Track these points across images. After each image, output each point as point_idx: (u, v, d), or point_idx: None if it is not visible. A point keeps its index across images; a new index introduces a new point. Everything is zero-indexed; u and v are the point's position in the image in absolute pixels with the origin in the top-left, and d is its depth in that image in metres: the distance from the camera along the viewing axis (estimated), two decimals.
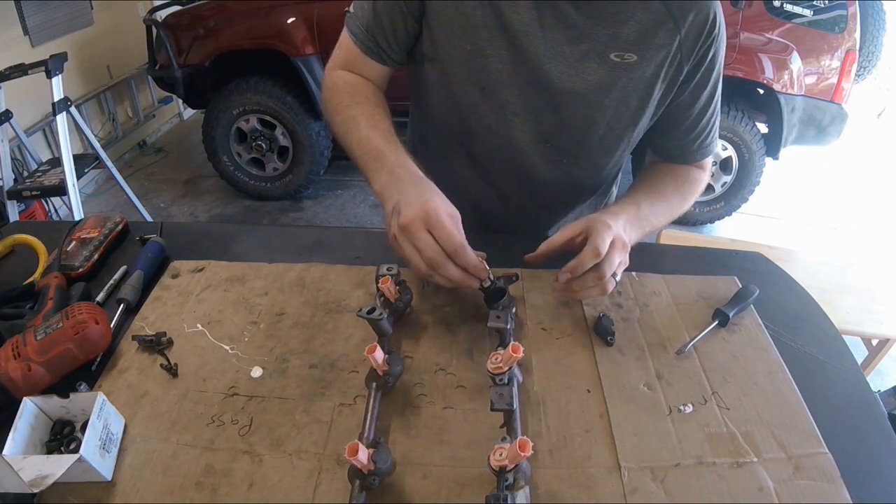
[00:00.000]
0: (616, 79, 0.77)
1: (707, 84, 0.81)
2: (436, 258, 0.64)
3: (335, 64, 0.87)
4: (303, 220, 3.13)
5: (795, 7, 2.55)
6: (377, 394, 0.62)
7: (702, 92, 0.81)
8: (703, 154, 0.89)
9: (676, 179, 0.88)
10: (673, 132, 0.86)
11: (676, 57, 0.76)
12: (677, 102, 0.82)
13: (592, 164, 0.89)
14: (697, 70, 0.78)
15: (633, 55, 0.75)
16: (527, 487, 0.52)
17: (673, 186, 0.87)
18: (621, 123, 0.82)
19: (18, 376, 0.60)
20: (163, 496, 0.55)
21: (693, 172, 0.90)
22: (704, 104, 0.83)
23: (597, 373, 0.68)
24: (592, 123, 0.81)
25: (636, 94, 0.79)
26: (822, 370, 0.70)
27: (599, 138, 0.84)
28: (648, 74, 0.77)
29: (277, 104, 2.86)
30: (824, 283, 1.76)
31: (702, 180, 0.91)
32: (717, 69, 0.81)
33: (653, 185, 0.86)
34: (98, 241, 0.87)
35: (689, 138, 0.86)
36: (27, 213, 2.65)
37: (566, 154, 0.86)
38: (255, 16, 2.80)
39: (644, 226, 0.79)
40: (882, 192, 3.63)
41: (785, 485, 0.56)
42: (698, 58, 0.77)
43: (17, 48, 2.77)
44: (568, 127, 0.82)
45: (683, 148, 0.88)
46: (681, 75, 0.78)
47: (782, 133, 2.71)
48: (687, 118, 0.84)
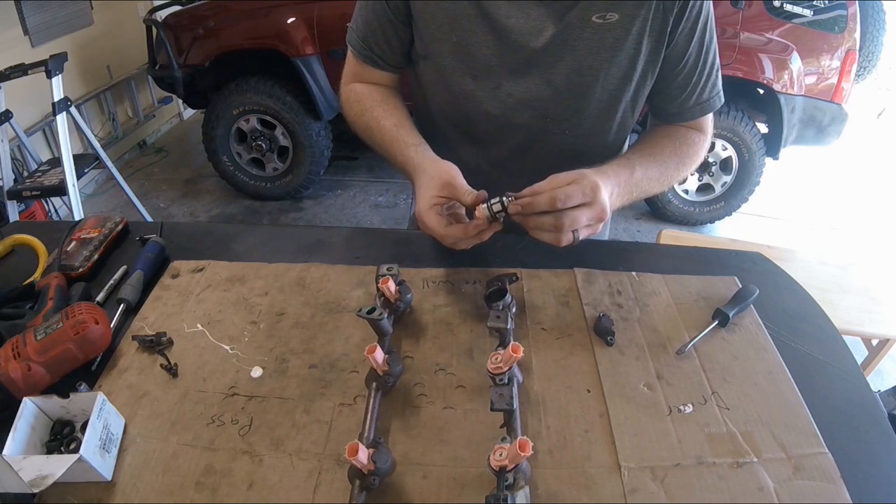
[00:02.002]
0: (602, 40, 0.78)
1: (694, 34, 0.80)
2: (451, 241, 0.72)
3: (346, 79, 0.94)
4: (303, 220, 3.13)
5: (795, 7, 2.54)
6: (377, 394, 0.62)
7: (689, 43, 0.80)
8: (701, 110, 0.88)
9: (675, 142, 0.87)
10: (668, 89, 0.86)
11: (659, 8, 0.77)
12: (668, 56, 0.81)
13: (594, 130, 0.88)
14: (681, 19, 0.78)
15: (615, 14, 0.76)
16: (527, 487, 0.52)
17: (671, 149, 0.86)
18: (614, 83, 0.82)
19: (18, 376, 0.60)
20: (163, 496, 0.55)
21: (691, 135, 0.88)
22: (695, 56, 0.82)
23: (597, 373, 0.68)
24: (587, 89, 0.82)
25: (624, 52, 0.79)
26: (822, 370, 0.70)
27: (596, 102, 0.84)
28: (634, 30, 0.77)
29: (277, 104, 2.86)
30: (824, 283, 1.76)
31: (700, 144, 0.89)
32: (705, 20, 0.80)
33: (650, 148, 0.86)
34: (98, 241, 0.87)
35: (684, 94, 0.85)
36: (27, 213, 2.65)
37: (567, 125, 0.87)
38: (255, 16, 2.80)
39: (634, 191, 0.79)
40: (882, 192, 3.63)
41: (785, 485, 0.56)
42: (679, 6, 0.77)
43: (17, 48, 2.77)
44: (563, 97, 0.83)
45: (680, 105, 0.87)
46: (667, 26, 0.78)
47: (782, 133, 2.71)
48: (679, 73, 0.83)
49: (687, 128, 0.90)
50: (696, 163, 0.89)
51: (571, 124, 0.86)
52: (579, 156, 0.92)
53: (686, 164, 0.87)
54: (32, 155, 2.65)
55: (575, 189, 0.67)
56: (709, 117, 0.90)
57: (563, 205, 0.66)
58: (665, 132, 0.89)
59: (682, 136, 0.88)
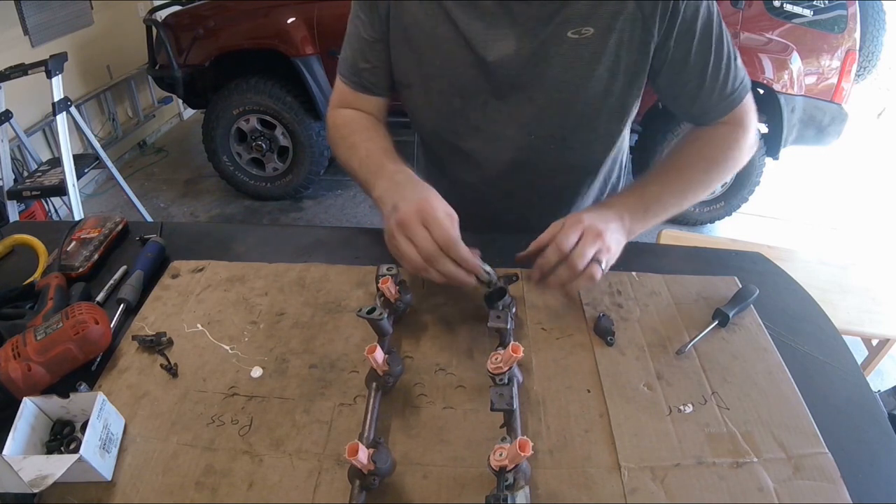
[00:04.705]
0: (579, 55, 0.78)
1: (694, 35, 0.77)
2: (430, 250, 0.66)
3: (333, 105, 0.94)
4: (303, 220, 3.13)
5: (795, 7, 2.54)
6: (377, 394, 0.62)
7: (690, 45, 0.78)
8: (729, 105, 0.83)
9: (699, 147, 0.85)
10: (683, 93, 0.83)
11: (637, 17, 0.75)
12: (670, 61, 0.80)
13: (581, 142, 0.89)
14: (673, 25, 0.76)
15: (590, 28, 0.76)
16: (527, 487, 0.52)
17: (692, 156, 0.84)
18: (596, 96, 0.82)
19: (18, 376, 0.60)
20: (163, 496, 0.55)
21: (722, 132, 0.84)
22: (702, 55, 0.79)
23: (597, 373, 0.68)
24: (568, 104, 0.83)
25: (603, 65, 0.78)
26: (822, 370, 0.70)
27: (579, 116, 0.84)
28: (611, 42, 0.77)
29: (277, 104, 2.86)
30: (824, 283, 1.76)
31: (735, 138, 0.84)
32: (705, 17, 0.77)
33: (668, 161, 0.86)
34: (98, 241, 0.87)
35: (702, 94, 0.82)
36: (27, 213, 2.65)
37: (553, 139, 0.87)
38: (255, 16, 2.80)
39: (652, 207, 0.78)
40: (882, 192, 3.63)
41: (785, 485, 0.56)
42: (668, 12, 0.75)
43: (17, 48, 2.77)
44: (547, 113, 0.84)
45: (703, 105, 0.84)
46: (651, 37, 0.77)
47: (782, 133, 2.71)
48: (689, 76, 0.81)
49: (717, 126, 0.85)
50: (737, 158, 0.84)
51: (558, 138, 0.87)
52: (570, 169, 0.94)
53: (720, 165, 0.84)
54: (32, 155, 2.65)
55: (567, 230, 0.70)
56: (743, 107, 0.84)
57: (567, 246, 0.69)
58: (692, 137, 0.87)
59: (709, 137, 0.85)
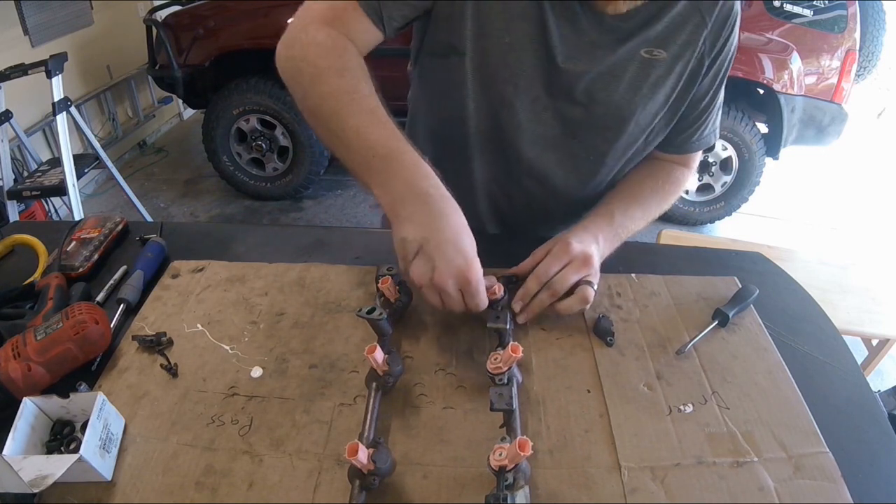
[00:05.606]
0: (646, 76, 0.77)
1: (718, 75, 0.80)
2: (458, 310, 0.65)
3: (318, 15, 0.71)
4: (303, 220, 3.13)
5: (795, 7, 2.55)
6: (377, 394, 0.62)
7: (713, 83, 0.81)
8: (699, 145, 0.88)
9: (656, 181, 0.88)
10: (680, 124, 0.85)
11: (700, 50, 0.76)
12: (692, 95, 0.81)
13: (616, 160, 0.88)
14: (715, 61, 0.78)
15: (663, 51, 0.75)
16: (527, 487, 0.52)
17: (651, 189, 0.87)
18: (647, 119, 0.81)
19: (18, 376, 0.60)
20: (163, 496, 0.55)
21: (676, 172, 0.90)
22: (712, 95, 0.82)
23: (597, 373, 0.68)
24: (623, 121, 0.80)
25: (663, 90, 0.78)
26: (822, 370, 0.70)
27: (627, 135, 0.83)
28: (677, 69, 0.77)
29: (277, 104, 2.86)
30: (824, 283, 1.76)
31: (683, 180, 0.91)
32: (731, 58, 0.80)
33: (630, 190, 0.87)
34: (98, 241, 0.87)
35: (690, 129, 0.86)
36: (27, 213, 2.65)
37: (593, 150, 0.85)
38: (255, 16, 2.80)
39: (619, 233, 0.81)
40: (882, 192, 3.63)
41: (785, 484, 0.56)
42: (718, 48, 0.77)
43: (17, 48, 2.77)
44: (598, 125, 0.82)
45: (684, 139, 0.87)
46: (702, 69, 0.78)
47: (782, 133, 2.71)
48: (695, 110, 0.83)
49: (672, 164, 0.91)
50: (676, 197, 0.92)
51: (599, 151, 0.85)
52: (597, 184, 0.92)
53: (667, 201, 0.89)
54: (32, 155, 2.65)
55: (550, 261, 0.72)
56: (697, 154, 0.92)
57: (547, 276, 0.71)
58: (648, 171, 0.90)
59: (665, 173, 0.89)
